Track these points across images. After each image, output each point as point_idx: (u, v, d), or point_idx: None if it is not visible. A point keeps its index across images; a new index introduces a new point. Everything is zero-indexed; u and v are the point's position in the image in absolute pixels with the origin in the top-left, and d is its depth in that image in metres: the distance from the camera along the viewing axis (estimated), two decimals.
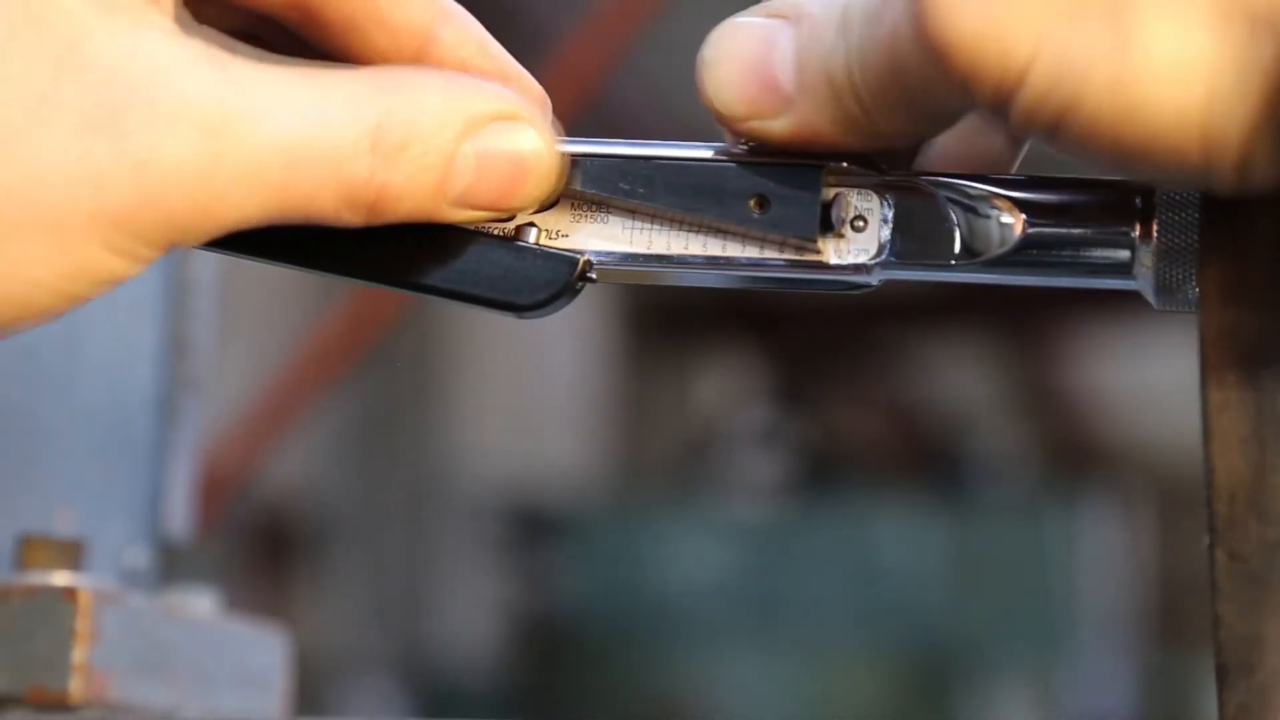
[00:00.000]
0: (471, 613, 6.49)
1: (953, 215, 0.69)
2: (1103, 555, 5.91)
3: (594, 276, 0.71)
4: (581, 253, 0.70)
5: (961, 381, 8.91)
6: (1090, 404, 9.45)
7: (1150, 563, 7.85)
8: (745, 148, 0.71)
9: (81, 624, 0.85)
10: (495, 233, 0.71)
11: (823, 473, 6.55)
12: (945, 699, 5.69)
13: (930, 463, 7.10)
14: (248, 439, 3.87)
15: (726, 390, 7.71)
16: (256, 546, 5.06)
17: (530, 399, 7.07)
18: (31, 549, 0.88)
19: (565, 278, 0.70)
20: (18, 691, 0.85)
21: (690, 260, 0.70)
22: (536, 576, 6.32)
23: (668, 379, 7.72)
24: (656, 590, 5.86)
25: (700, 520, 6.04)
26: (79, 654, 0.85)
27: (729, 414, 7.20)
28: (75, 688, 0.85)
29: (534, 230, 0.71)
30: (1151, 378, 9.76)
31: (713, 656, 5.73)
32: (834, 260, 0.69)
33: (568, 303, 0.71)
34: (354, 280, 0.72)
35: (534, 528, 6.29)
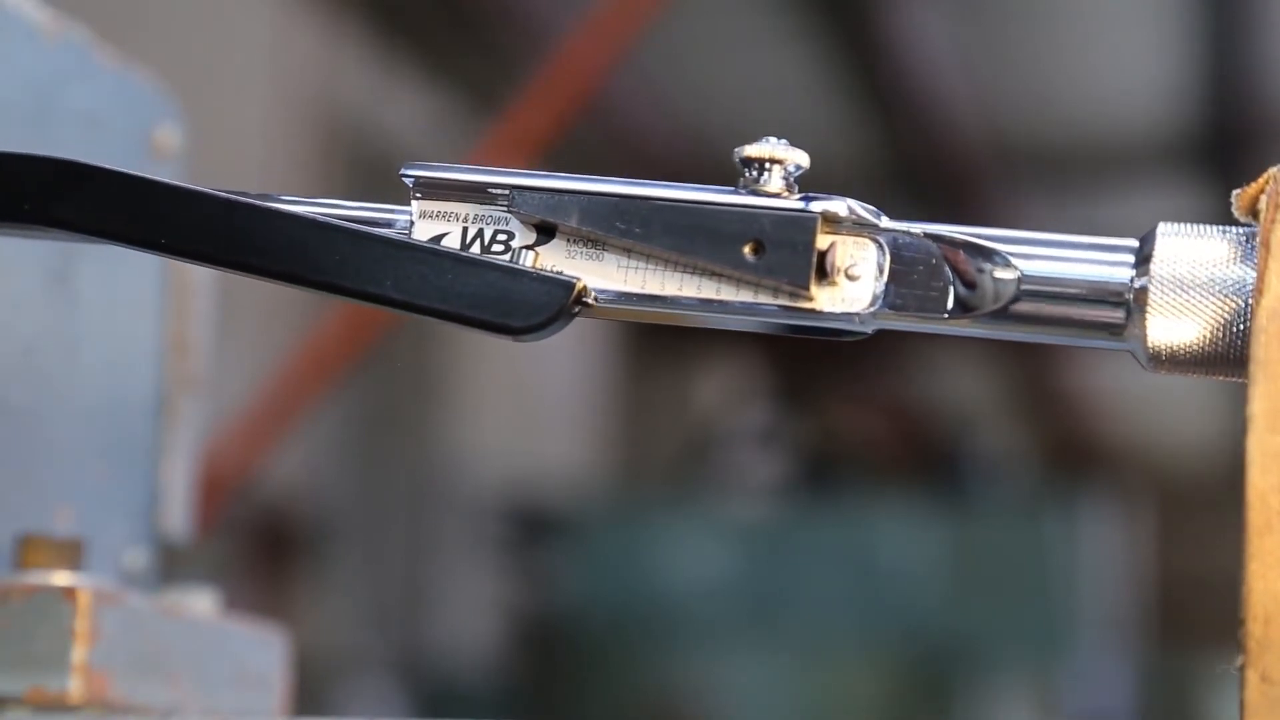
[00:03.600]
0: (471, 613, 6.49)
1: (948, 271, 0.69)
2: (1103, 555, 5.91)
3: (590, 301, 0.70)
4: (578, 278, 0.71)
5: (961, 382, 8.91)
6: (1090, 404, 9.45)
7: (1150, 563, 7.85)
8: (744, 192, 0.70)
9: (81, 624, 0.85)
10: (492, 257, 0.71)
11: (823, 473, 6.55)
12: (945, 699, 5.68)
13: (930, 463, 7.10)
14: (248, 439, 3.87)
15: (726, 390, 7.71)
16: (256, 546, 5.05)
17: (530, 399, 7.06)
18: (31, 549, 0.88)
19: (560, 302, 0.70)
20: (18, 691, 0.85)
21: (683, 301, 0.70)
22: (536, 576, 6.32)
23: (667, 379, 7.72)
24: (656, 590, 5.86)
25: (700, 520, 6.04)
26: (79, 654, 0.85)
27: (729, 414, 7.19)
28: (75, 688, 0.85)
29: (530, 254, 0.71)
30: (1151, 379, 9.75)
31: (713, 656, 5.73)
32: (827, 308, 0.69)
33: (563, 327, 0.70)
34: (351, 300, 0.72)
35: (534, 528, 6.29)
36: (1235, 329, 0.65)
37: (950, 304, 0.69)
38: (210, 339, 1.15)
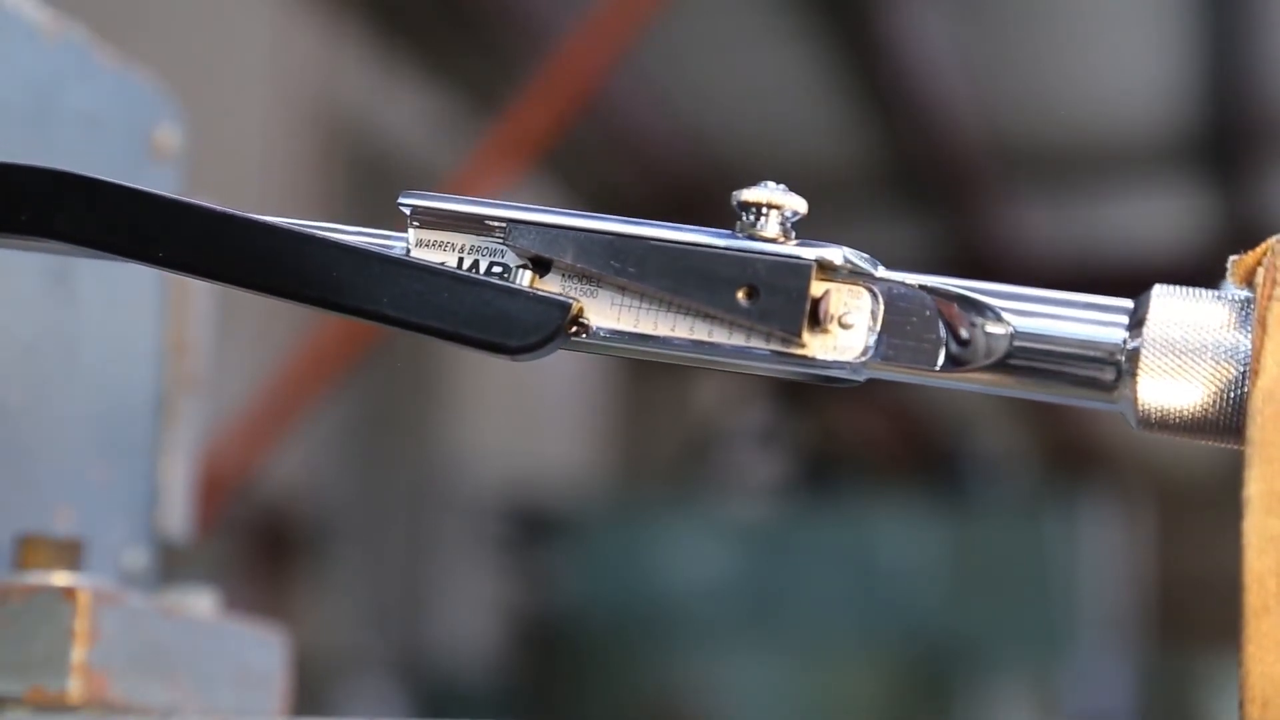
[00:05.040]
0: (471, 613, 6.49)
1: (941, 327, 0.69)
2: (1103, 555, 5.91)
3: (587, 322, 0.71)
4: (575, 298, 0.71)
5: None
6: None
7: (1150, 563, 7.85)
8: (740, 236, 0.70)
9: (81, 624, 0.85)
10: (489, 276, 0.72)
11: (822, 473, 6.55)
12: (945, 699, 5.68)
13: (930, 463, 7.10)
14: (248, 439, 3.87)
15: (726, 390, 7.71)
16: (256, 546, 5.06)
17: (530, 399, 7.06)
18: (31, 549, 0.88)
19: (557, 321, 0.70)
20: (18, 691, 0.85)
21: (675, 342, 0.70)
22: (536, 576, 6.32)
23: (667, 379, 7.72)
24: (656, 590, 5.86)
25: (700, 520, 6.04)
26: (78, 654, 0.85)
27: (728, 414, 7.19)
28: (75, 687, 0.85)
29: (527, 274, 0.72)
30: None
31: (713, 656, 5.73)
32: (819, 356, 0.69)
33: (559, 347, 0.71)
34: (348, 317, 0.72)
35: (534, 528, 6.29)
36: (1227, 397, 0.65)
37: (941, 357, 0.69)
38: (210, 339, 1.15)
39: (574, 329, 0.71)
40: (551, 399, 7.27)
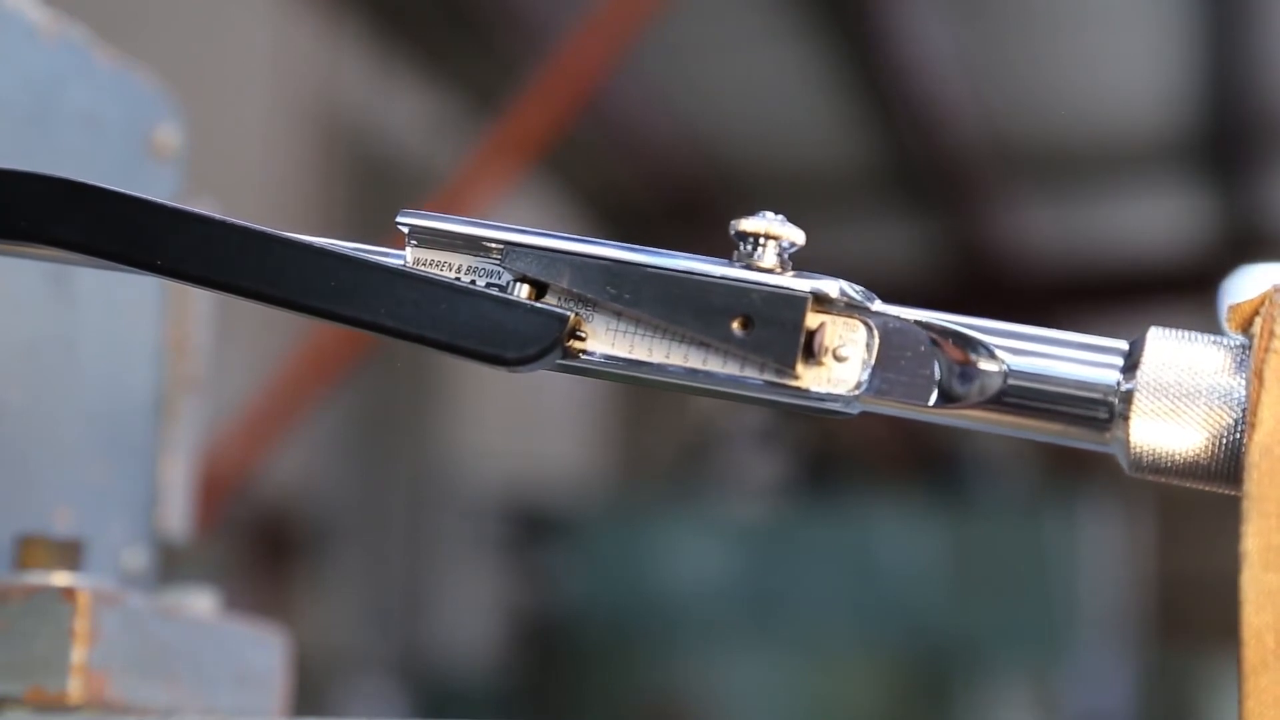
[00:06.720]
0: (471, 613, 6.49)
1: (935, 363, 0.69)
2: (1102, 555, 5.91)
3: (584, 335, 0.71)
4: (573, 309, 0.71)
5: None
6: None
7: (1150, 563, 7.85)
8: (737, 265, 0.69)
9: (80, 624, 0.85)
10: (486, 288, 0.72)
11: (822, 473, 6.55)
12: (945, 699, 5.68)
13: (930, 463, 7.10)
14: (248, 439, 3.87)
15: None
16: (256, 546, 5.06)
17: (530, 400, 7.06)
18: (31, 549, 0.88)
19: (554, 334, 0.70)
20: (18, 692, 0.85)
21: (669, 369, 0.70)
22: (536, 577, 6.32)
23: None
24: (656, 590, 5.86)
25: (700, 521, 6.04)
26: (78, 654, 0.85)
27: (728, 414, 7.19)
28: (74, 688, 0.85)
29: (524, 287, 0.72)
30: None
31: (713, 656, 5.73)
32: (812, 388, 0.69)
33: (557, 359, 0.70)
34: (346, 326, 0.72)
35: (534, 528, 6.29)
36: (1221, 443, 0.64)
37: (934, 398, 0.69)
38: (210, 339, 1.15)
39: (571, 342, 0.71)
40: (551, 400, 7.27)
